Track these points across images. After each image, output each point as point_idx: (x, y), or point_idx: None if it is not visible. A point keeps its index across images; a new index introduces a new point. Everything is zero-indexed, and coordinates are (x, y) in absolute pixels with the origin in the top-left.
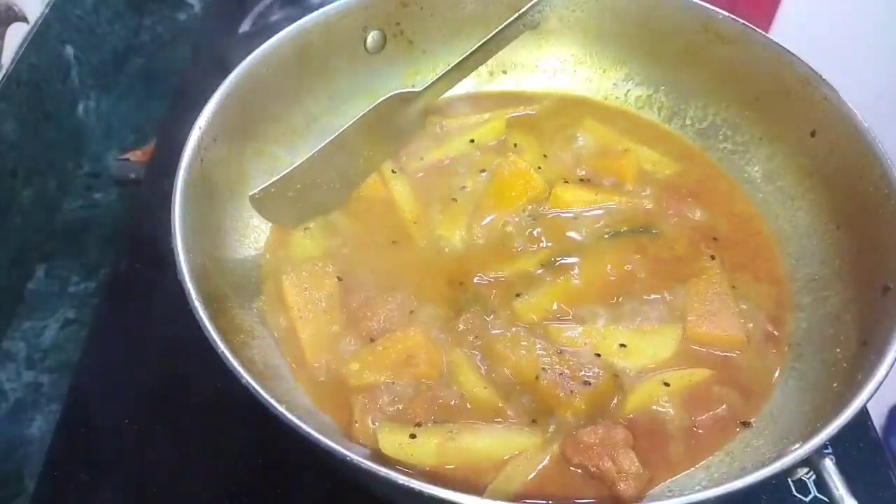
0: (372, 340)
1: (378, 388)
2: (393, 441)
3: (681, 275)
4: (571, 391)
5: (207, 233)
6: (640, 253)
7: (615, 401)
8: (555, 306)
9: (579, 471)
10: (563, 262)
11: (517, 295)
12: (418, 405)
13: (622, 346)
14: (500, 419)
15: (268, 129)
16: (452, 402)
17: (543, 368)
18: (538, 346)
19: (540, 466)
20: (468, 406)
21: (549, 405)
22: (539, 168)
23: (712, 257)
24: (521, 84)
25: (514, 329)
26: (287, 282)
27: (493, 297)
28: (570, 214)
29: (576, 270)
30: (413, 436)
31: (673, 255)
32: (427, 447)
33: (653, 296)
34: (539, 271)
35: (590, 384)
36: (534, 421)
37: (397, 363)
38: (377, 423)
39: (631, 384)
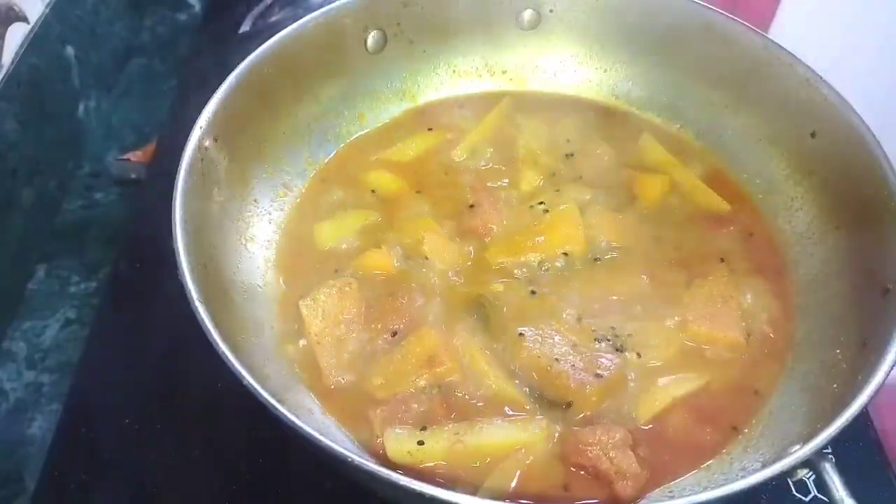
0: (391, 351)
1: (398, 397)
2: (401, 449)
3: (688, 275)
4: (582, 383)
5: (207, 233)
6: (650, 254)
7: (623, 397)
8: (565, 301)
9: (579, 471)
10: (573, 259)
11: (532, 292)
12: (437, 405)
13: (629, 341)
14: (516, 411)
15: (268, 129)
16: (470, 399)
17: (556, 359)
18: (550, 338)
19: (532, 460)
20: (487, 399)
21: (560, 396)
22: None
23: (721, 260)
24: (521, 84)
25: (527, 322)
26: (305, 309)
27: (507, 293)
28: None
29: (586, 268)
30: (421, 442)
31: (681, 257)
32: (435, 452)
33: (660, 296)
34: (547, 268)
35: (601, 377)
36: (547, 413)
37: (418, 367)
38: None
39: (634, 383)
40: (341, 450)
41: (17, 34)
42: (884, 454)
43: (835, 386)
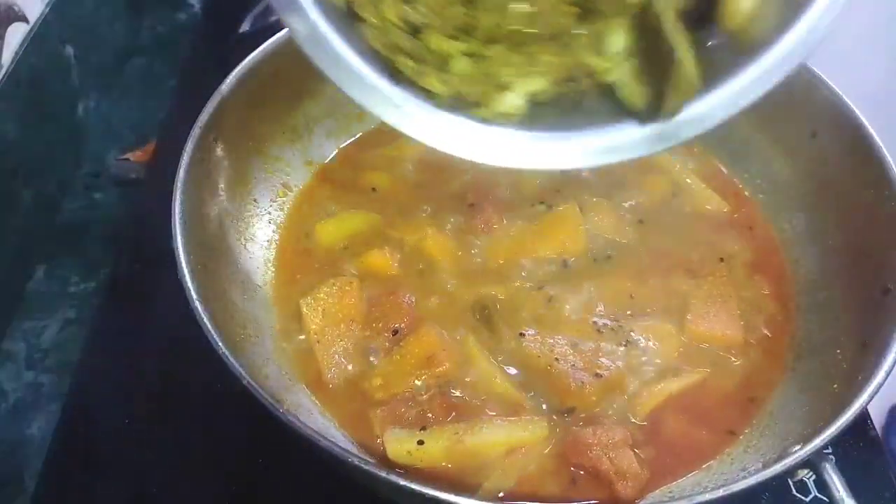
0: (391, 350)
1: (398, 397)
2: (401, 449)
3: (688, 275)
4: (582, 382)
5: (207, 232)
6: (650, 254)
7: (623, 396)
8: (565, 301)
9: (579, 471)
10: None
11: (532, 292)
12: (437, 405)
13: (629, 341)
14: (516, 411)
15: (268, 129)
16: (470, 399)
17: (556, 359)
18: (550, 338)
19: (532, 460)
20: (487, 400)
21: (560, 396)
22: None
23: (721, 260)
24: None
25: (526, 322)
26: (305, 307)
27: (507, 293)
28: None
29: (586, 268)
30: (421, 442)
31: (681, 257)
32: (435, 452)
33: (660, 296)
34: (547, 268)
35: (601, 376)
36: (547, 413)
37: (418, 366)
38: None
39: (634, 382)
40: (341, 450)
41: (17, 34)
42: (884, 454)
43: (835, 386)
